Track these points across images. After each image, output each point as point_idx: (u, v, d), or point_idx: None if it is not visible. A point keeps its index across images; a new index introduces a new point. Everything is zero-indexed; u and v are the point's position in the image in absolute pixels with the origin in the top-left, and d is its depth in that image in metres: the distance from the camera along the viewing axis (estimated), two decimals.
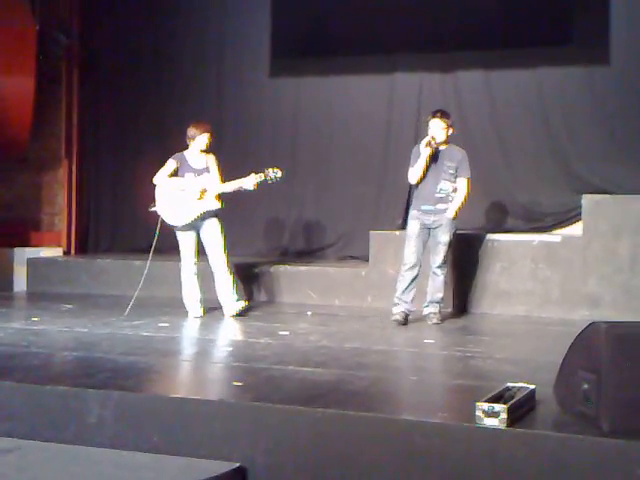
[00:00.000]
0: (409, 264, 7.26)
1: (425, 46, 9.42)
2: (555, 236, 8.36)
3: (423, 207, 7.27)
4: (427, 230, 7.28)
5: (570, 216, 8.76)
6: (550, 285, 7.99)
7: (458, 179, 7.26)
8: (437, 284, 7.31)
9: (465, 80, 9.38)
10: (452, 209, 7.22)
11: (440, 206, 7.22)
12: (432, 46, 9.40)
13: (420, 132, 9.36)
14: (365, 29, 9.51)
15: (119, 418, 4.44)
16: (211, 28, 10.37)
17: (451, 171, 7.24)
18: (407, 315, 7.28)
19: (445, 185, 7.23)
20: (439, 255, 7.25)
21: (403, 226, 9.34)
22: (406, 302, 7.28)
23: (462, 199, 7.27)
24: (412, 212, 7.39)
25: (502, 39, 9.09)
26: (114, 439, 4.40)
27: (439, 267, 7.27)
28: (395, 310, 7.29)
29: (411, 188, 9.28)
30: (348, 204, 9.74)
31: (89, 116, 10.87)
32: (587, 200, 8.07)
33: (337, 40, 9.73)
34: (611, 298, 7.73)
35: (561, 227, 8.88)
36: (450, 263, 7.60)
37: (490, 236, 8.29)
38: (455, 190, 7.26)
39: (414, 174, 7.25)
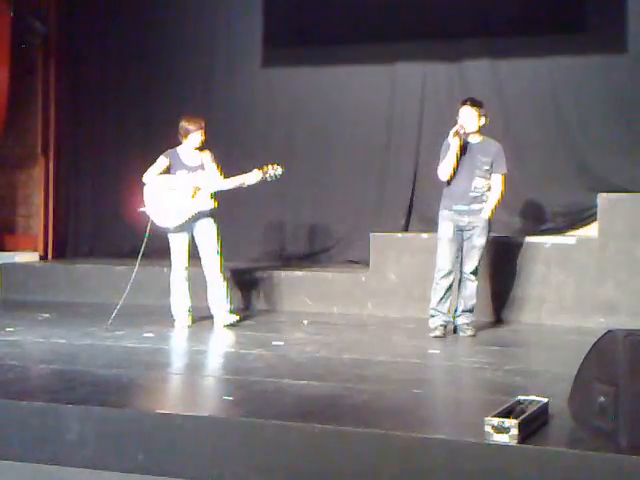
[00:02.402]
0: (444, 271, 7.16)
1: (429, 34, 9.41)
2: (569, 238, 8.37)
3: (456, 207, 7.14)
4: (461, 232, 7.17)
5: (585, 216, 8.77)
6: (564, 290, 8.00)
7: (493, 175, 7.15)
8: (470, 291, 7.23)
9: (472, 70, 9.38)
10: (487, 209, 7.12)
11: (475, 206, 7.12)
12: (436, 34, 9.39)
13: (424, 126, 9.42)
14: (365, 15, 9.52)
15: (101, 436, 4.44)
16: (200, 15, 10.37)
17: (486, 167, 7.13)
18: (446, 327, 7.23)
19: (480, 182, 7.12)
20: (473, 260, 7.17)
21: (406, 228, 9.39)
22: (443, 313, 7.21)
23: (497, 197, 7.16)
24: (443, 212, 7.23)
25: (511, 26, 9.09)
26: (95, 458, 4.40)
27: (473, 273, 7.20)
28: (432, 323, 7.21)
29: (415, 186, 9.38)
30: (347, 204, 9.75)
31: (68, 110, 10.86)
32: (603, 199, 8.09)
33: (334, 27, 9.71)
34: (629, 304, 7.74)
35: (575, 228, 8.88)
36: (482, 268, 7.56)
37: (499, 239, 8.28)
38: (489, 188, 7.16)
39: (444, 170, 7.10)
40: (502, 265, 8.15)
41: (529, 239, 8.31)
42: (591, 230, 8.50)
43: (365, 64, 9.75)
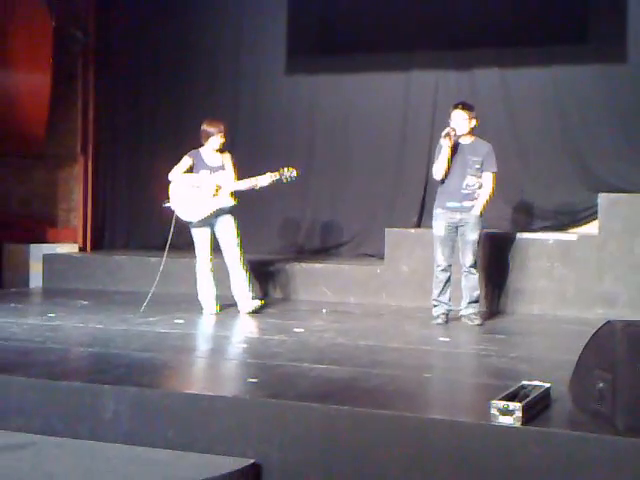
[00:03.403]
0: (441, 266, 7.20)
1: (441, 44, 9.38)
2: (571, 235, 8.33)
3: (448, 204, 7.14)
4: (455, 229, 7.17)
5: (586, 215, 8.73)
6: (565, 284, 7.96)
7: (484, 174, 7.14)
8: (472, 283, 7.20)
9: (481, 78, 9.35)
10: (478, 206, 7.10)
11: (466, 203, 7.10)
12: (448, 44, 9.36)
13: (436, 130, 9.37)
14: (381, 27, 9.50)
15: (134, 414, 4.46)
16: (228, 25, 10.37)
17: (477, 166, 7.11)
18: (447, 315, 7.27)
19: (471, 180, 7.10)
20: (469, 254, 7.14)
21: (419, 224, 9.37)
22: (445, 303, 7.26)
23: (488, 195, 7.15)
24: (436, 211, 7.25)
25: (518, 36, 9.04)
26: (129, 435, 4.42)
27: (472, 266, 7.17)
28: (435, 312, 7.26)
29: (427, 185, 9.35)
30: (364, 201, 9.73)
31: (105, 112, 10.89)
32: (603, 199, 8.05)
33: (353, 38, 9.70)
34: (627, 297, 7.71)
35: (577, 226, 8.84)
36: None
37: (505, 235, 8.27)
38: (481, 186, 7.16)
39: (438, 169, 7.12)
40: (507, 260, 8.13)
41: (533, 236, 8.28)
42: (592, 228, 8.46)
43: (381, 72, 9.73)
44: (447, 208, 7.17)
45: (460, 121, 7.11)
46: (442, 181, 7.21)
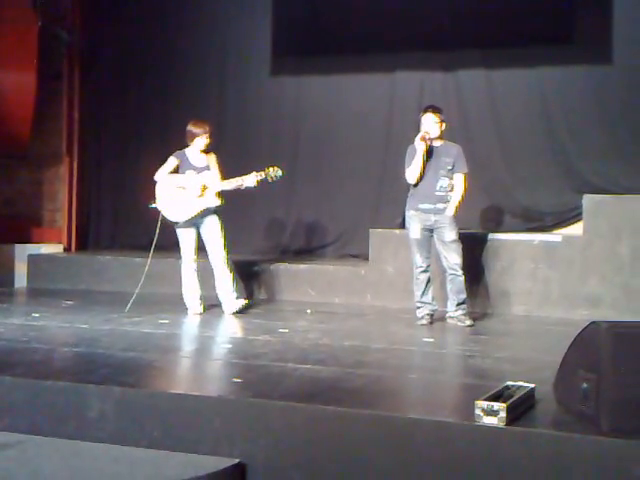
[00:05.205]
0: (421, 268, 7.24)
1: (426, 45, 9.39)
2: (555, 236, 8.36)
3: (422, 206, 7.19)
4: (429, 231, 7.20)
5: (571, 216, 8.76)
6: (550, 285, 7.99)
7: (455, 175, 7.20)
8: (458, 286, 7.19)
9: (466, 79, 9.37)
10: (451, 207, 7.15)
11: (440, 205, 7.14)
12: (433, 45, 9.37)
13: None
14: (366, 28, 9.50)
15: (119, 414, 4.45)
16: (214, 27, 10.36)
17: (449, 167, 7.17)
18: (432, 315, 7.28)
19: (444, 182, 7.16)
20: (452, 255, 7.15)
21: (403, 225, 9.37)
22: (428, 303, 7.28)
23: (460, 196, 7.20)
24: (410, 212, 7.30)
25: (504, 38, 9.06)
26: (114, 434, 4.41)
27: (456, 268, 7.15)
28: (419, 314, 7.28)
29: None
30: (348, 202, 9.74)
31: (90, 112, 10.86)
32: (588, 200, 8.08)
33: (338, 39, 9.70)
34: (611, 298, 7.74)
35: (561, 227, 8.87)
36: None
37: (490, 236, 8.29)
38: (452, 188, 7.20)
39: (412, 173, 7.16)
40: (493, 260, 8.15)
41: (518, 237, 8.29)
42: (576, 229, 8.49)
43: (366, 73, 9.74)
44: (420, 210, 7.21)
45: (432, 124, 7.16)
46: (414, 185, 7.25)
